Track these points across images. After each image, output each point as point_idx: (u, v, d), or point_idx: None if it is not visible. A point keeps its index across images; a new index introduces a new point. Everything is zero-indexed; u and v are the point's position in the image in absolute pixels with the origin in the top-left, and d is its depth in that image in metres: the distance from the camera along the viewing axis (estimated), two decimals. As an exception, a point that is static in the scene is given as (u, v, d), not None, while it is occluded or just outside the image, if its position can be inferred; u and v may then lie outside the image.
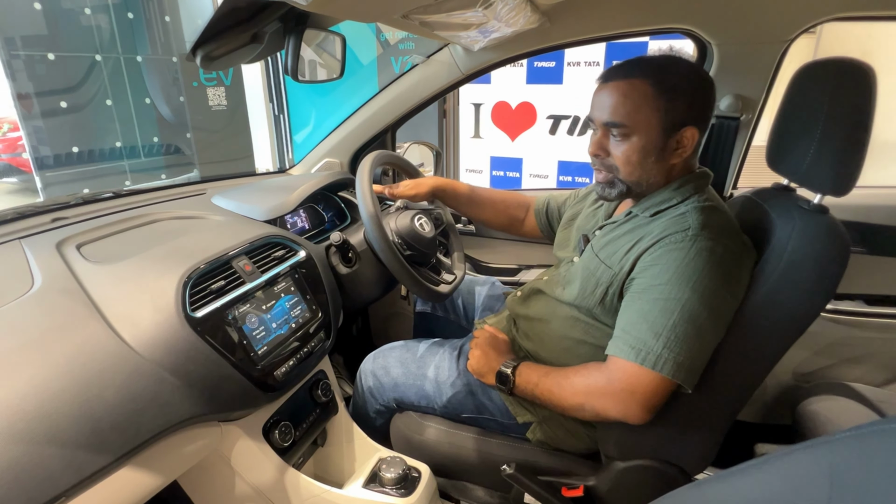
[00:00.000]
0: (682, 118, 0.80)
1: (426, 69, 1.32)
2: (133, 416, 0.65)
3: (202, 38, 0.67)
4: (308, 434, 0.99)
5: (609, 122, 0.82)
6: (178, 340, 0.72)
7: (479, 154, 3.49)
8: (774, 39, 1.07)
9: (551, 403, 0.87)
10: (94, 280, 0.76)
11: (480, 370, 0.96)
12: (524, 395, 0.91)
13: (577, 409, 0.84)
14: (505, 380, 0.91)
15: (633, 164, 0.83)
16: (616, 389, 0.78)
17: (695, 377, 0.76)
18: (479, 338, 1.00)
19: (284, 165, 1.55)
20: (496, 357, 0.96)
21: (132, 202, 1.13)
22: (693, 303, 0.74)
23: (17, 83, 3.82)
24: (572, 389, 0.84)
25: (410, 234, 1.09)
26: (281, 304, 0.92)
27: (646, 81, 0.79)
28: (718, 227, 0.77)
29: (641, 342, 0.76)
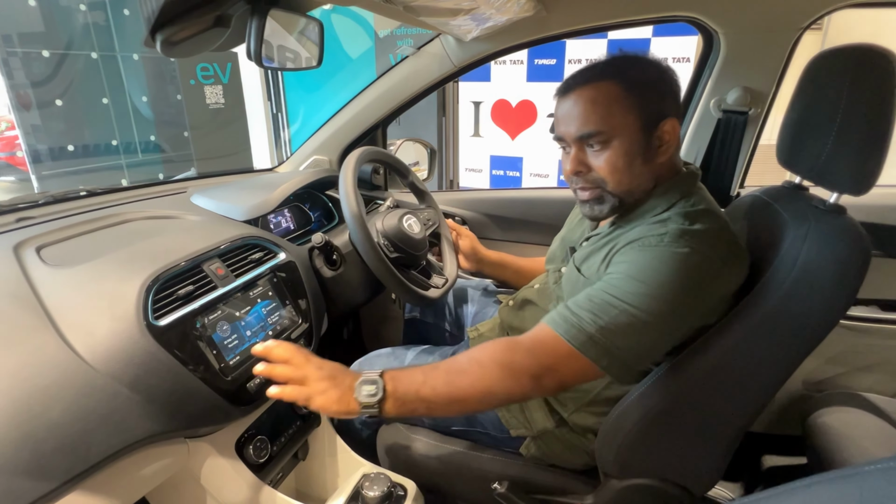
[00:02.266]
0: (659, 111, 0.75)
1: (417, 62, 1.26)
2: (82, 436, 0.59)
3: (160, 20, 0.61)
4: (287, 448, 0.93)
5: (583, 134, 0.76)
6: (137, 351, 0.66)
7: (479, 153, 3.44)
8: (786, 27, 1.00)
9: (448, 400, 0.70)
10: (48, 285, 0.70)
11: (331, 394, 0.69)
12: (405, 403, 0.69)
13: (485, 396, 0.70)
14: (372, 390, 0.69)
15: (621, 171, 0.76)
16: (534, 363, 0.69)
17: (624, 372, 0.68)
18: (292, 355, 0.72)
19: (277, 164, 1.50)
20: (344, 373, 0.73)
21: (106, 201, 1.08)
22: (645, 301, 0.67)
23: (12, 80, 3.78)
24: (480, 372, 0.70)
25: (398, 234, 1.03)
26: (257, 310, 0.86)
27: (610, 81, 0.74)
28: (699, 235, 0.70)
29: (577, 319, 0.69)
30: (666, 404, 0.77)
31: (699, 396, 0.76)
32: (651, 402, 0.77)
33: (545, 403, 0.91)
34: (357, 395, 0.69)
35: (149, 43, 0.64)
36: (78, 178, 4.07)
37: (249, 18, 0.59)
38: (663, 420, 0.78)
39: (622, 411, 0.80)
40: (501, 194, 1.53)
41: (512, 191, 1.75)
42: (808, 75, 0.77)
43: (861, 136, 0.68)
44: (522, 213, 1.44)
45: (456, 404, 0.71)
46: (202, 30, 0.64)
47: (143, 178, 4.34)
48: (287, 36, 0.71)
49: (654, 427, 0.79)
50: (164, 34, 0.63)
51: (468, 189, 3.50)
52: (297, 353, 0.73)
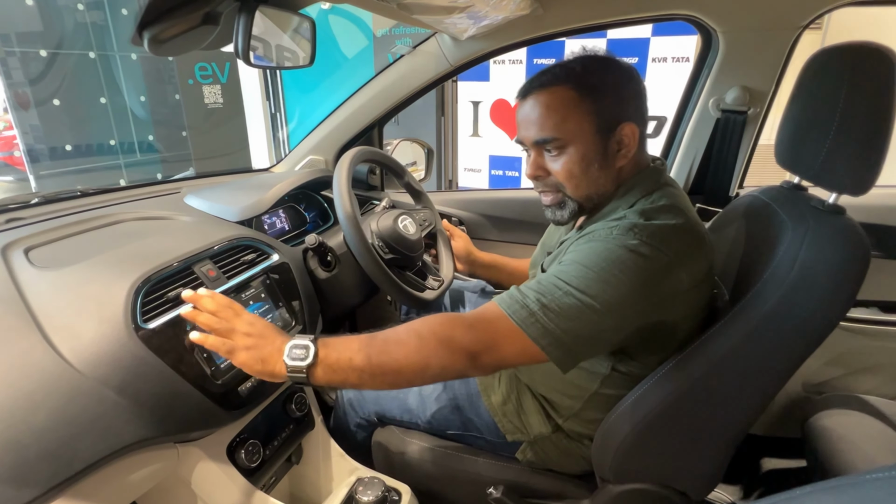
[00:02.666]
0: (615, 115, 0.74)
1: (413, 61, 1.25)
2: (68, 441, 0.58)
3: (146, 17, 0.60)
4: (280, 452, 0.92)
5: (539, 140, 0.76)
6: (125, 355, 0.65)
7: (478, 153, 3.42)
8: (786, 25, 0.99)
9: (381, 371, 0.66)
10: (35, 288, 0.69)
11: (257, 354, 0.66)
12: (336, 371, 0.66)
13: (420, 370, 0.66)
14: (301, 353, 0.66)
15: (578, 177, 0.76)
16: (473, 339, 0.66)
17: (562, 351, 0.65)
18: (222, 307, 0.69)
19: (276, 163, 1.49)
20: (276, 333, 0.69)
21: (98, 202, 1.06)
22: (590, 284, 0.66)
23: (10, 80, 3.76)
24: (417, 343, 0.66)
25: (393, 235, 1.02)
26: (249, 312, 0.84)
27: (566, 86, 0.74)
28: (650, 229, 0.68)
29: (522, 297, 0.68)
30: (662, 408, 0.76)
31: (696, 400, 0.75)
32: (647, 407, 0.76)
33: (541, 409, 0.90)
34: (285, 357, 0.66)
35: (136, 41, 0.63)
36: (76, 177, 4.06)
37: (237, 15, 0.58)
38: (660, 424, 0.77)
39: (618, 416, 0.79)
40: (498, 195, 1.52)
41: (508, 191, 1.74)
42: (807, 74, 0.76)
43: (860, 135, 0.66)
44: (519, 214, 1.43)
45: (390, 375, 0.67)
46: (190, 27, 0.63)
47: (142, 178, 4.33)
48: (278, 34, 0.70)
49: (651, 432, 0.78)
50: (151, 32, 0.62)
51: (465, 189, 3.49)
52: (227, 306, 0.70)
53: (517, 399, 0.92)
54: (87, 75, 4.08)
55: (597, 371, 0.82)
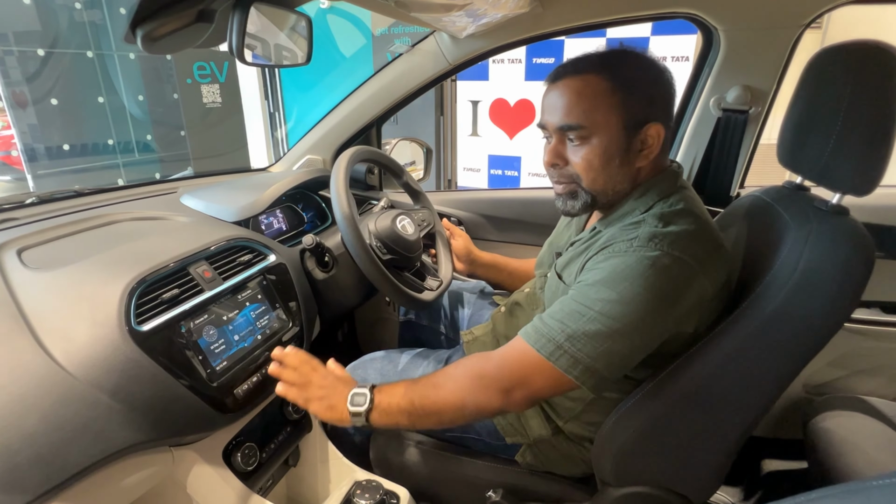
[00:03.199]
0: (644, 114, 0.72)
1: (411, 59, 1.24)
2: (59, 446, 0.57)
3: (139, 14, 0.59)
4: (277, 455, 0.91)
5: (564, 125, 0.73)
6: (118, 358, 0.64)
7: (477, 152, 3.42)
8: (788, 24, 0.98)
9: (425, 412, 0.73)
10: (27, 289, 0.68)
11: (328, 402, 0.77)
12: (390, 415, 0.74)
13: (458, 410, 0.72)
14: (361, 400, 0.75)
15: (597, 170, 0.74)
16: (504, 376, 0.70)
17: (595, 378, 0.67)
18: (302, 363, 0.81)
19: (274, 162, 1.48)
20: (344, 385, 0.79)
21: (93, 202, 1.05)
22: (614, 307, 0.65)
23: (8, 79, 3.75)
24: (452, 385, 0.73)
25: (391, 236, 1.01)
26: (245, 313, 0.84)
27: (600, 76, 0.71)
28: (673, 236, 0.67)
29: (547, 328, 0.69)
30: (664, 411, 0.75)
31: (698, 403, 0.74)
32: (648, 410, 0.75)
33: (541, 411, 0.89)
34: (349, 404, 0.75)
35: (129, 38, 0.62)
36: (74, 177, 4.04)
37: (231, 12, 0.57)
38: (661, 428, 0.76)
39: (619, 418, 0.78)
40: (498, 194, 1.51)
41: (508, 191, 1.73)
42: (810, 73, 0.75)
43: (864, 135, 0.66)
44: (519, 214, 1.42)
45: (433, 416, 0.74)
46: (184, 25, 0.62)
47: (140, 178, 4.31)
48: (274, 32, 0.69)
49: (652, 435, 0.77)
50: (144, 29, 0.61)
51: (464, 189, 3.48)
52: (307, 361, 0.81)
53: (516, 401, 0.91)
54: (84, 74, 4.06)
55: None
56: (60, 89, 3.91)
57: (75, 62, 4.01)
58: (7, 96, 3.72)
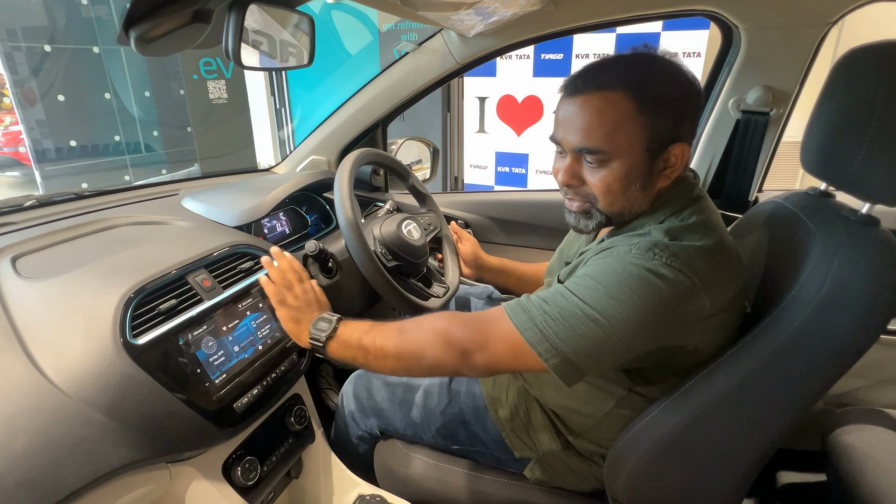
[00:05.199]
0: (671, 135, 0.66)
1: (418, 58, 1.21)
2: (50, 467, 0.54)
3: (132, 15, 0.56)
4: (279, 468, 0.88)
5: (582, 148, 0.67)
6: (113, 373, 0.62)
7: (484, 149, 3.37)
8: (813, 22, 0.93)
9: (382, 353, 0.74)
10: (20, 300, 0.66)
11: (295, 314, 0.82)
12: (347, 347, 0.77)
13: (416, 359, 0.72)
14: (324, 326, 0.78)
15: (615, 194, 0.68)
16: (468, 337, 0.68)
17: (559, 360, 0.62)
18: (290, 269, 0.86)
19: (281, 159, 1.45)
20: (319, 308, 0.84)
21: (93, 205, 1.03)
22: (599, 298, 0.62)
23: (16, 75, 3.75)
24: (417, 334, 0.73)
25: (396, 241, 0.98)
26: (245, 323, 0.81)
27: (626, 94, 0.64)
28: (674, 250, 0.63)
29: (527, 303, 0.67)
30: (681, 428, 0.71)
31: (718, 421, 0.71)
32: (665, 426, 0.72)
33: (551, 425, 0.86)
34: (311, 326, 0.79)
35: (122, 40, 0.59)
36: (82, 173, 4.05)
37: (227, 13, 0.54)
38: (678, 445, 0.73)
39: (633, 435, 0.75)
40: (506, 197, 1.47)
41: (517, 193, 1.69)
42: (838, 74, 0.71)
43: None
44: (528, 217, 1.38)
45: (390, 359, 0.74)
46: (180, 26, 0.59)
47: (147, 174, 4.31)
48: (274, 32, 0.66)
49: (668, 452, 0.73)
50: (138, 31, 0.58)
51: (471, 191, 3.44)
52: (296, 270, 0.86)
53: (526, 413, 0.88)
54: (91, 71, 4.06)
55: (612, 391, 0.77)
56: (67, 85, 3.91)
57: (82, 58, 4.01)
58: (15, 92, 3.73)
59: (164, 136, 4.52)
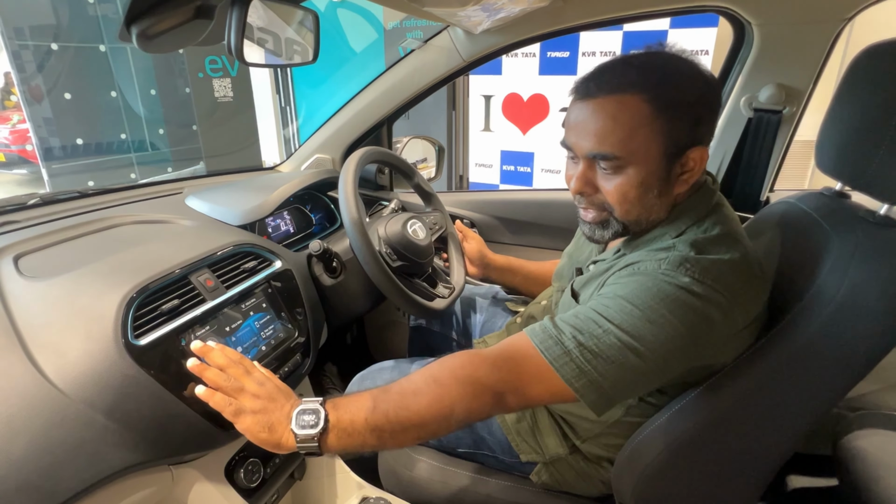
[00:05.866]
0: (689, 139, 0.63)
1: (424, 56, 1.19)
2: (50, 471, 0.54)
3: (134, 10, 0.55)
4: (282, 470, 0.88)
5: (596, 154, 0.64)
6: (114, 374, 0.61)
7: (489, 148, 3.36)
8: (828, 18, 0.91)
9: (401, 428, 0.60)
10: (22, 300, 0.65)
11: (263, 417, 0.61)
12: (352, 435, 0.61)
13: (444, 420, 0.61)
14: (311, 420, 0.60)
15: (632, 202, 0.66)
16: (500, 379, 0.61)
17: (598, 394, 0.59)
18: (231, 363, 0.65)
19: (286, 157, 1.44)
20: (286, 397, 0.63)
21: (97, 203, 1.02)
22: (635, 323, 0.59)
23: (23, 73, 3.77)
24: (438, 391, 0.61)
25: (402, 241, 0.96)
26: (249, 323, 0.80)
27: (640, 97, 0.61)
28: (704, 265, 0.60)
29: (557, 332, 0.61)
30: (692, 435, 0.70)
31: (730, 427, 0.69)
32: (676, 432, 0.70)
33: (558, 429, 0.84)
34: (293, 425, 0.60)
35: (124, 36, 0.58)
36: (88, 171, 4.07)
37: (229, 8, 0.53)
38: (689, 451, 0.72)
39: (643, 441, 0.73)
40: (513, 196, 1.46)
41: (524, 192, 1.68)
42: (856, 71, 0.69)
43: None
44: (535, 216, 1.37)
45: (412, 431, 0.61)
46: (182, 22, 0.58)
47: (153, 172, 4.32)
48: (278, 28, 0.65)
49: (678, 459, 0.72)
50: (139, 27, 0.57)
51: (477, 190, 3.42)
52: (237, 362, 0.65)
53: (532, 417, 0.86)
54: (97, 69, 4.08)
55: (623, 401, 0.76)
56: (74, 83, 3.92)
57: (88, 56, 4.02)
58: (22, 90, 3.74)
59: (170, 134, 4.53)
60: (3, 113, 5.81)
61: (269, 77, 4.26)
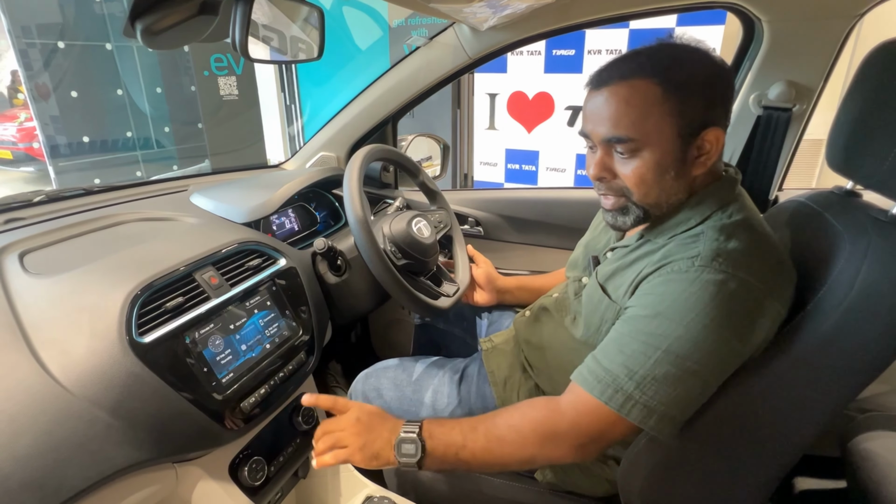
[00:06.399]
0: (702, 119, 0.64)
1: (429, 53, 1.18)
2: (55, 468, 0.54)
3: (138, 6, 0.55)
4: (286, 468, 0.87)
5: (612, 138, 0.66)
6: (118, 372, 0.61)
7: (494, 146, 3.35)
8: (840, 14, 0.89)
9: (487, 466, 0.70)
10: (27, 297, 0.65)
11: (369, 452, 0.70)
12: (444, 463, 0.69)
13: (527, 464, 0.71)
14: (411, 450, 0.69)
15: (649, 184, 0.67)
16: (578, 433, 0.66)
17: (671, 425, 0.63)
18: (347, 412, 0.74)
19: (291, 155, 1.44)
20: (382, 423, 0.73)
21: (102, 200, 1.02)
22: (682, 343, 0.60)
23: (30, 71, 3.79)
24: (520, 441, 0.68)
25: (406, 239, 0.96)
26: (253, 321, 0.80)
27: (651, 80, 0.63)
28: (737, 255, 0.62)
29: (611, 377, 0.63)
30: (700, 436, 0.69)
31: (739, 428, 0.69)
32: (685, 433, 0.69)
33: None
34: (396, 453, 0.70)
35: (128, 32, 0.58)
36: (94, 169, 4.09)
37: (234, 4, 0.52)
38: (696, 451, 0.71)
39: (650, 440, 0.73)
40: (518, 194, 1.45)
41: (529, 191, 1.67)
42: (869, 68, 0.68)
43: None
44: (540, 215, 1.36)
45: (497, 468, 0.71)
46: (187, 17, 0.57)
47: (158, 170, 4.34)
48: (283, 25, 0.64)
49: (687, 458, 0.71)
50: (144, 22, 0.56)
51: (482, 189, 3.41)
52: (336, 421, 0.74)
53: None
54: (103, 67, 4.09)
55: None
56: (80, 82, 3.94)
57: (95, 55, 4.04)
58: (30, 88, 3.76)
59: (175, 132, 4.54)
60: (11, 111, 5.85)
61: (275, 75, 4.26)
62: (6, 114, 5.83)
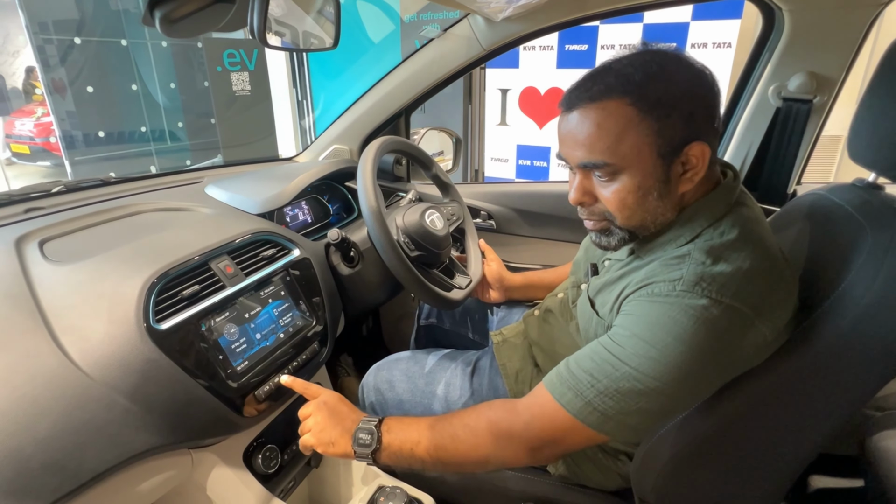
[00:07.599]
0: (683, 135, 0.60)
1: (443, 45, 1.18)
2: (74, 451, 0.54)
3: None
4: (299, 457, 0.88)
5: (587, 164, 0.63)
6: (136, 358, 0.61)
7: (506, 142, 3.33)
8: (864, 2, 0.87)
9: (442, 464, 0.68)
10: (47, 284, 0.66)
11: (326, 437, 0.72)
12: (399, 459, 0.69)
13: (480, 465, 0.69)
14: (367, 440, 0.69)
15: (632, 208, 0.63)
16: (531, 435, 0.64)
17: (630, 434, 0.62)
18: (316, 398, 0.77)
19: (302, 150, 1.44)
20: (346, 413, 0.74)
21: (119, 191, 1.04)
22: (655, 365, 0.57)
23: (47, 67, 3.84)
24: (474, 440, 0.67)
25: (419, 231, 0.96)
26: (268, 310, 0.80)
27: (623, 101, 0.59)
28: (724, 279, 0.58)
29: (575, 381, 0.62)
30: (717, 430, 0.68)
31: (755, 424, 0.67)
32: (698, 428, 0.69)
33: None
34: (353, 444, 0.70)
35: (147, 20, 0.58)
36: (109, 163, 4.15)
37: (253, -10, 0.53)
38: (711, 448, 0.70)
39: (663, 435, 0.72)
40: (530, 188, 1.44)
41: (541, 184, 1.66)
42: (893, 58, 0.66)
43: None
44: (553, 208, 1.35)
45: (451, 467, 0.70)
46: (205, 5, 0.57)
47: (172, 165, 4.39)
48: (300, 14, 0.64)
49: (700, 456, 0.70)
50: (162, 10, 0.57)
51: (494, 182, 3.40)
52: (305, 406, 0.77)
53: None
54: (118, 62, 4.14)
55: None
56: (96, 77, 3.99)
57: (110, 50, 4.09)
58: (46, 84, 3.82)
59: (189, 127, 4.58)
60: (28, 106, 5.94)
61: (287, 71, 4.28)
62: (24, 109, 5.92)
